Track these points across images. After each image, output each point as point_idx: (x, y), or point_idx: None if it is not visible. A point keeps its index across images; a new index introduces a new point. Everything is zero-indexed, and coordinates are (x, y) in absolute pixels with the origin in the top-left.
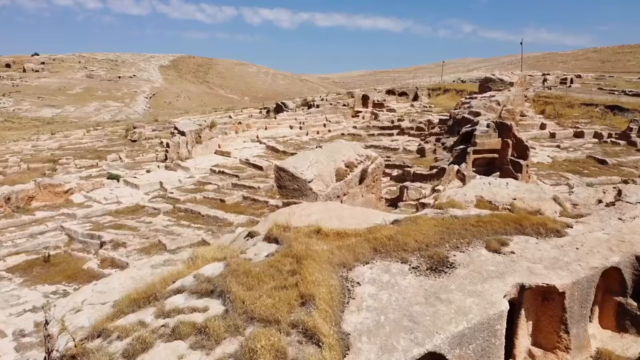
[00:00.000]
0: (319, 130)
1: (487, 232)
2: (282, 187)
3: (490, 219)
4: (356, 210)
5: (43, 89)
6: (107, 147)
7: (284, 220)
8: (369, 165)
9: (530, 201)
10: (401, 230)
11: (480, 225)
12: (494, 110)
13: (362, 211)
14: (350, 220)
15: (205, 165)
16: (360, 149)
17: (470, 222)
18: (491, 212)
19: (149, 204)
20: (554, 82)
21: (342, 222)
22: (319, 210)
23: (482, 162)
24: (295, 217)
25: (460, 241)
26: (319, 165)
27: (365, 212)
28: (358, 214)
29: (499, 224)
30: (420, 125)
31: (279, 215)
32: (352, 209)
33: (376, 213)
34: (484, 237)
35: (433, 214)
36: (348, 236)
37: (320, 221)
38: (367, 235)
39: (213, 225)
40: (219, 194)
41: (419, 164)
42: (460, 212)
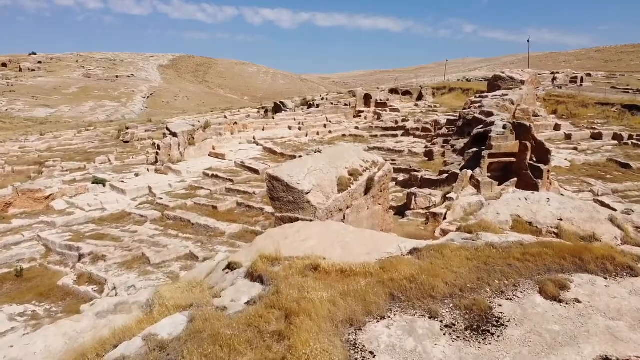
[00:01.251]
0: (319, 131)
1: (537, 268)
2: (275, 199)
3: (540, 250)
4: (363, 234)
5: (38, 88)
6: (98, 149)
7: (272, 250)
8: (376, 172)
9: (581, 222)
10: (425, 266)
11: (528, 259)
12: (508, 109)
13: (370, 236)
14: (357, 247)
15: (197, 169)
16: (365, 153)
17: (514, 255)
18: (536, 239)
19: (136, 211)
20: (564, 81)
21: (346, 250)
22: (318, 234)
23: (497, 167)
24: (287, 242)
25: (505, 282)
26: (318, 173)
27: (374, 236)
28: (366, 239)
29: (551, 257)
30: (426, 126)
31: (267, 239)
32: (358, 233)
33: (388, 238)
34: (534, 276)
35: (462, 241)
36: (355, 275)
37: (318, 249)
38: (381, 273)
39: (203, 235)
40: (211, 200)
41: (426, 167)
42: (497, 238)
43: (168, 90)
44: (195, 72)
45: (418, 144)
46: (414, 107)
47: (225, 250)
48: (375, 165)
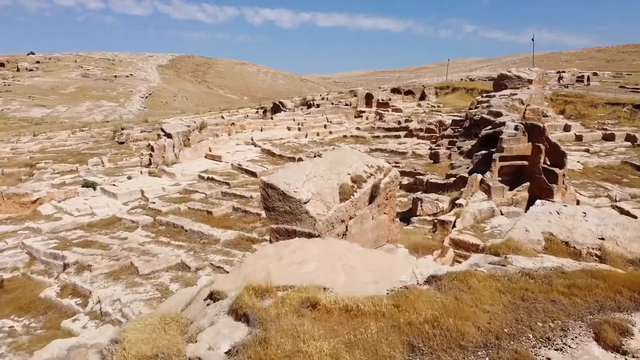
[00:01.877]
0: (319, 131)
1: (588, 306)
2: (270, 208)
3: (588, 282)
4: (370, 255)
5: (35, 88)
6: (92, 150)
7: (263, 275)
8: (381, 179)
9: (627, 242)
10: (449, 303)
11: (575, 293)
12: (517, 109)
13: (379, 258)
14: (363, 274)
15: (193, 171)
16: (369, 157)
17: (557, 287)
18: (578, 264)
19: (127, 216)
20: (570, 80)
21: (351, 277)
22: (318, 255)
23: (508, 171)
24: (282, 265)
25: (550, 325)
26: (318, 180)
27: (383, 259)
28: (374, 263)
29: (603, 291)
30: (430, 127)
31: (259, 260)
32: (364, 254)
33: (399, 261)
34: (585, 316)
35: (489, 267)
36: (364, 315)
37: (318, 275)
38: (395, 314)
39: (197, 242)
40: (206, 205)
41: (432, 170)
42: (530, 262)
43: (167, 90)
44: (194, 72)
45: (422, 146)
46: (416, 107)
47: (219, 259)
48: (381, 171)
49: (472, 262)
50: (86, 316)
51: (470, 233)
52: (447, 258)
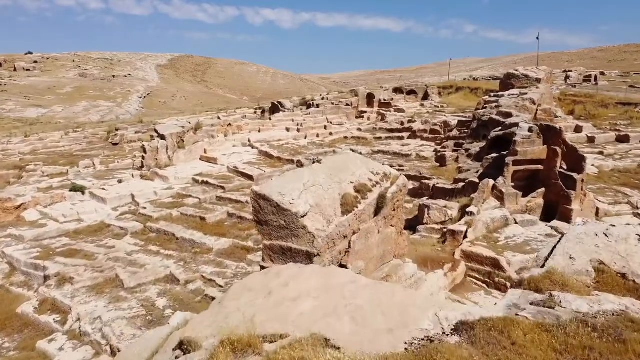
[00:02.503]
0: (319, 132)
1: None
2: (262, 222)
3: None
4: (381, 291)
5: (31, 88)
6: (85, 152)
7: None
8: (388, 188)
9: None
10: None
11: None
12: (528, 110)
13: (391, 295)
14: (374, 318)
15: (187, 174)
16: (374, 163)
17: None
18: None
19: (116, 223)
20: (577, 80)
21: (359, 323)
22: (316, 290)
23: (522, 176)
24: (271, 303)
25: None
26: (317, 190)
27: (397, 296)
28: (386, 301)
29: None
30: (435, 128)
31: (244, 294)
32: (373, 289)
33: (418, 300)
34: None
35: (533, 310)
36: None
37: (316, 320)
38: None
39: (188, 251)
40: (199, 210)
41: (438, 174)
42: (585, 304)
43: (165, 90)
44: (194, 72)
45: (426, 147)
46: (419, 107)
47: (211, 271)
48: (387, 179)
49: (509, 302)
50: (64, 336)
51: (483, 244)
52: (458, 272)
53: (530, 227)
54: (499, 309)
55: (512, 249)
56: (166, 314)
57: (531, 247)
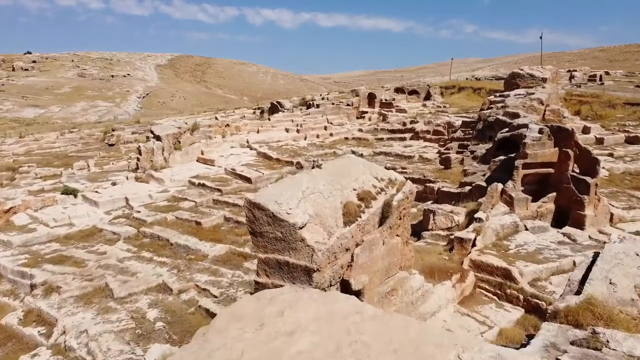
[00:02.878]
0: (319, 133)
1: None
2: (257, 234)
3: None
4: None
5: (29, 88)
6: (80, 153)
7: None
8: (394, 195)
9: None
10: None
11: None
12: (536, 110)
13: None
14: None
15: (183, 176)
16: (379, 169)
17: None
18: None
19: (108, 227)
20: (582, 79)
21: None
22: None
23: (532, 179)
24: (262, 337)
25: None
26: (317, 198)
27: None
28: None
29: None
30: (438, 129)
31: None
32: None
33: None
34: None
35: (577, 353)
36: None
37: None
38: None
39: (182, 258)
40: (195, 214)
41: (443, 177)
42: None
43: (165, 90)
44: (193, 71)
45: (430, 149)
46: (422, 108)
47: (205, 280)
48: (393, 185)
49: (546, 341)
50: (48, 350)
51: (493, 253)
52: (467, 283)
53: (542, 233)
54: (535, 350)
55: (524, 258)
56: (157, 327)
57: (544, 256)
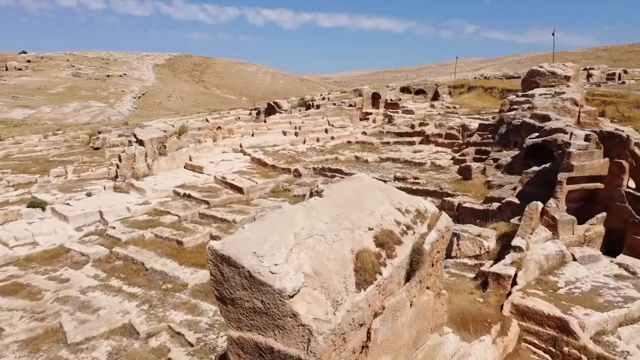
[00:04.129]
0: (319, 137)
1: None
2: (226, 301)
3: None
4: None
5: (21, 88)
6: (63, 157)
7: None
8: (425, 234)
9: None
10: None
11: None
12: (570, 112)
13: None
14: None
15: (167, 186)
16: (402, 195)
17: None
18: None
19: (76, 247)
20: (600, 78)
21: None
22: None
23: (576, 197)
24: None
25: None
26: (317, 244)
27: None
28: None
29: None
30: (451, 132)
31: None
32: None
33: None
34: None
35: None
36: None
37: None
38: None
39: (157, 288)
40: (177, 231)
41: (463, 190)
42: None
43: (161, 90)
44: (191, 71)
45: (442, 155)
46: (429, 108)
47: (181, 319)
48: (423, 219)
49: None
50: None
51: (539, 293)
52: (510, 337)
53: (593, 264)
54: None
55: (580, 302)
56: None
57: (605, 299)
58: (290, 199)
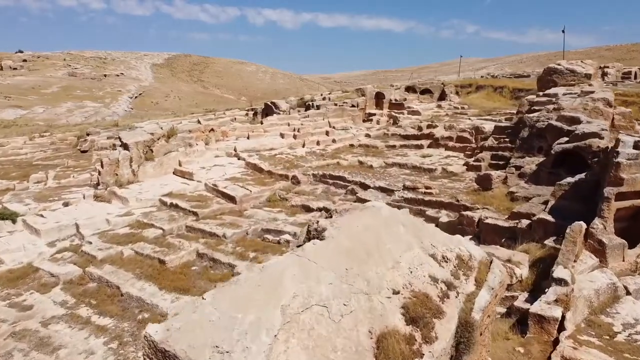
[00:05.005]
0: (320, 139)
1: None
2: None
3: None
4: None
5: (14, 87)
6: (48, 160)
7: None
8: (473, 294)
9: None
10: None
11: None
12: (603, 114)
13: None
14: None
15: (153, 194)
16: (435, 233)
17: None
18: None
19: (46, 266)
20: (616, 77)
21: None
22: None
23: (623, 215)
24: None
25: None
26: (314, 322)
27: None
28: None
29: None
30: (463, 135)
31: None
32: None
33: None
34: None
35: None
36: None
37: None
38: None
39: (131, 319)
40: (160, 248)
41: (483, 202)
42: None
43: (159, 90)
44: (190, 71)
45: (454, 160)
46: (436, 109)
47: None
48: (468, 271)
49: None
50: None
51: (595, 341)
52: None
53: None
54: None
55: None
56: None
57: None
58: (287, 209)
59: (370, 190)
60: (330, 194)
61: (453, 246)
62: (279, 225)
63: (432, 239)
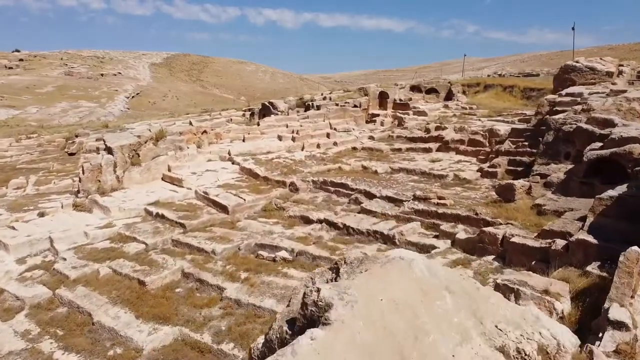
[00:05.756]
0: (320, 142)
1: None
2: None
3: None
4: None
5: (8, 87)
6: (34, 164)
7: None
8: None
9: None
10: None
11: None
12: (639, 115)
13: None
14: None
15: (138, 203)
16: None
17: None
18: None
19: (12, 288)
20: (631, 76)
21: None
22: None
23: None
24: None
25: None
26: None
27: None
28: None
29: None
30: (475, 138)
31: None
32: None
33: None
34: None
35: None
36: None
37: None
38: None
39: (101, 355)
40: (141, 266)
41: (506, 217)
42: None
43: (157, 89)
44: (189, 70)
45: (466, 165)
46: (443, 109)
47: None
48: None
49: None
50: None
51: None
52: None
53: None
54: None
55: None
56: None
57: None
58: (284, 220)
59: (376, 200)
60: (331, 203)
61: (529, 329)
62: (274, 240)
63: (495, 316)
